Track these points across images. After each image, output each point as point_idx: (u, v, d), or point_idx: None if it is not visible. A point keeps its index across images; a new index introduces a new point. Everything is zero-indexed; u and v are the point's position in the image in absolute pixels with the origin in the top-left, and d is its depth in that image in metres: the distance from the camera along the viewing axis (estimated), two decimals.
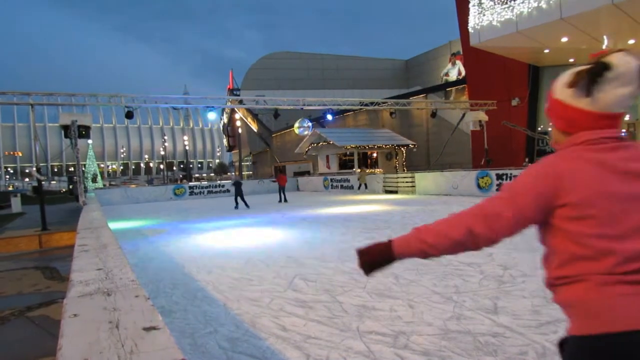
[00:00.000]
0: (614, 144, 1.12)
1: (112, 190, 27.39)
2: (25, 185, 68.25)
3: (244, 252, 7.21)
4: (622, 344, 1.00)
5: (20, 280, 6.60)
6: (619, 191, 1.08)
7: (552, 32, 15.26)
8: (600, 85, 1.11)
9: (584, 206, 1.09)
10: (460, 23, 22.78)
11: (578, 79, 1.14)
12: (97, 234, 3.82)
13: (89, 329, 1.24)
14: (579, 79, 1.14)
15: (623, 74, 1.09)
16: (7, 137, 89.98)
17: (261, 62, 54.16)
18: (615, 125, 1.14)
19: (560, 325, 3.23)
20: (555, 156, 1.17)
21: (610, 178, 1.09)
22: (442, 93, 30.03)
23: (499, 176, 15.43)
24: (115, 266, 2.18)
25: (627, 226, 1.06)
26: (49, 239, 10.21)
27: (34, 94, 13.46)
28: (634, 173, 1.09)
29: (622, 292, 1.04)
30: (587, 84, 1.12)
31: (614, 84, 1.10)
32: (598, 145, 1.12)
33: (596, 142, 1.12)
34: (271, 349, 3.10)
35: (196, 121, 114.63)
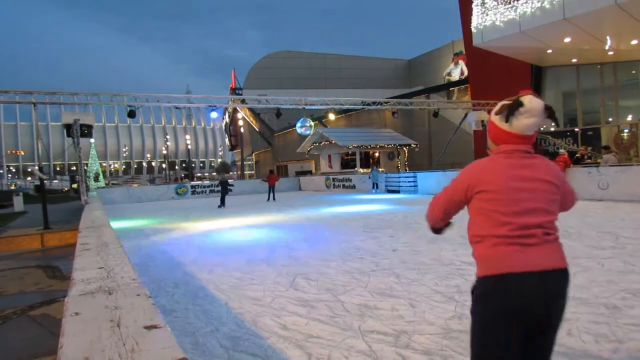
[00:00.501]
0: (521, 154, 1.68)
1: (114, 190, 27.44)
2: (27, 184, 68.44)
3: (246, 251, 7.21)
4: (506, 280, 1.57)
5: (23, 279, 6.61)
6: (518, 185, 1.63)
7: (555, 32, 15.22)
8: (515, 116, 1.65)
9: (494, 192, 1.63)
10: (463, 23, 22.75)
11: (503, 109, 1.69)
12: (99, 232, 3.83)
13: (90, 328, 1.24)
14: (503, 109, 1.69)
15: (531, 110, 1.63)
16: (9, 135, 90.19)
17: (263, 62, 54.19)
18: (525, 143, 1.69)
19: (563, 324, 3.22)
20: (484, 159, 1.75)
21: (508, 176, 1.64)
22: (444, 93, 30.01)
23: None
24: (116, 265, 2.18)
25: (522, 208, 1.61)
26: (51, 238, 10.22)
27: (36, 92, 13.49)
28: (529, 175, 1.65)
29: (510, 249, 1.59)
30: (507, 114, 1.66)
31: (524, 116, 1.64)
32: (511, 154, 1.68)
33: (510, 152, 1.68)
34: (273, 348, 3.10)
35: (198, 120, 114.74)
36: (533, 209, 1.62)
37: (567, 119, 21.34)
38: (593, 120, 20.27)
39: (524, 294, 1.55)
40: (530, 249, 1.59)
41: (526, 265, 1.56)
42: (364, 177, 23.75)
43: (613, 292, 3.96)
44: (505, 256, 1.59)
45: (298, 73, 52.44)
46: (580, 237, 6.78)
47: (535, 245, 1.60)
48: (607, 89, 19.38)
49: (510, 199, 1.62)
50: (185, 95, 20.42)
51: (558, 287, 1.61)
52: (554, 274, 1.59)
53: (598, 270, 4.75)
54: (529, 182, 1.64)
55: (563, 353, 2.78)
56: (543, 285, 1.56)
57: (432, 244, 6.86)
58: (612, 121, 19.60)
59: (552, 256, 1.62)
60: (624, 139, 18.65)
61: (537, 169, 1.68)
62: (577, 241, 6.49)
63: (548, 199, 1.66)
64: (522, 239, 1.59)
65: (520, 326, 1.58)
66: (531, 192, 1.64)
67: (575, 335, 3.04)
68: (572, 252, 5.72)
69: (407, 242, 7.16)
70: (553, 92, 21.29)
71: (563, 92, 21.29)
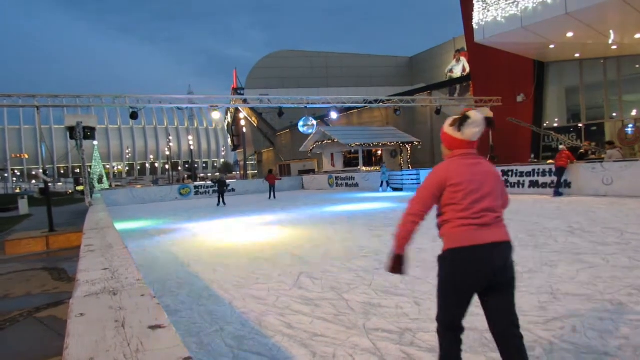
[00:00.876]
0: (472, 156, 2.21)
1: (117, 191, 27.51)
2: (32, 187, 68.76)
3: (250, 250, 7.22)
4: (465, 254, 2.08)
5: (29, 282, 6.65)
6: (473, 178, 2.13)
7: (558, 27, 15.15)
8: (465, 126, 2.17)
9: (458, 185, 2.12)
10: (465, 19, 22.68)
11: (455, 122, 2.21)
12: (103, 234, 3.85)
13: (95, 328, 1.24)
14: (455, 122, 2.21)
15: (475, 121, 2.16)
16: (13, 139, 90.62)
17: (265, 61, 54.17)
18: (472, 147, 2.22)
19: (567, 321, 3.22)
20: (445, 162, 2.24)
21: (469, 172, 2.15)
22: (446, 90, 29.93)
23: (505, 173, 15.34)
24: (121, 266, 2.19)
25: (479, 195, 2.11)
26: (56, 240, 10.29)
27: (39, 96, 13.55)
28: (481, 170, 2.18)
29: (471, 228, 2.08)
30: (458, 125, 2.19)
31: (472, 126, 2.16)
32: (465, 156, 2.20)
33: (464, 155, 2.20)
34: (277, 347, 3.11)
35: (201, 121, 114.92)
36: (488, 193, 2.14)
37: (571, 114, 21.24)
38: (597, 115, 20.17)
39: (480, 260, 2.08)
40: (485, 227, 2.10)
41: (482, 239, 2.08)
42: (367, 176, 23.71)
43: (618, 288, 3.95)
44: (466, 233, 2.09)
45: (300, 72, 52.40)
46: (585, 233, 6.75)
47: (488, 224, 2.11)
48: (611, 84, 19.28)
49: (473, 188, 2.12)
50: (187, 96, 20.41)
51: (505, 255, 2.14)
52: (502, 245, 2.12)
53: (603, 267, 4.73)
54: (483, 175, 2.18)
55: (568, 350, 2.77)
56: (494, 254, 2.09)
57: (436, 242, 6.84)
58: (616, 116, 19.49)
59: (500, 232, 2.14)
60: (628, 134, 18.55)
61: (484, 166, 2.22)
62: (581, 237, 6.47)
63: (497, 188, 2.20)
64: (479, 220, 2.10)
65: (475, 285, 2.13)
66: (485, 182, 2.16)
67: (580, 331, 3.03)
68: (576, 249, 5.71)
69: None
70: (556, 88, 21.19)
71: (566, 88, 21.19)
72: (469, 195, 2.10)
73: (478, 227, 2.08)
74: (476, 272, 2.09)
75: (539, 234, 6.97)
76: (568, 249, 5.74)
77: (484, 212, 2.10)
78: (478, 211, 2.09)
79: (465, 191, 2.11)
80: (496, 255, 2.09)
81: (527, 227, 7.69)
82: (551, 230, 7.24)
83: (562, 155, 12.79)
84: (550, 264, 4.99)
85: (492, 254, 2.08)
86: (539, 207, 10.60)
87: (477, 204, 2.10)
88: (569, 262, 5.02)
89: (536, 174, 14.22)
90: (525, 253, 5.61)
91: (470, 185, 2.12)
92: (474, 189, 2.11)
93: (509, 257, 2.15)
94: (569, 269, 4.69)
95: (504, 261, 2.13)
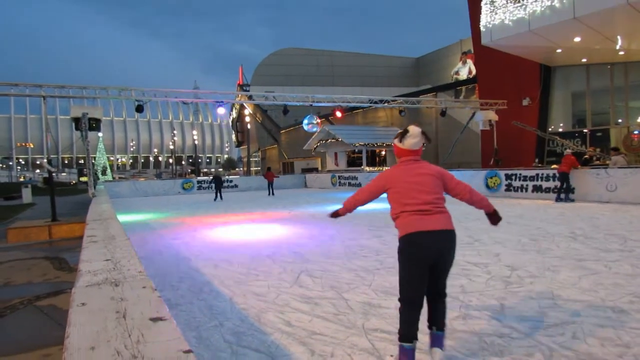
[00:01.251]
0: (413, 161, 2.72)
1: (121, 183, 27.58)
2: (36, 177, 69.04)
3: (251, 247, 7.23)
4: (413, 239, 2.51)
5: (30, 270, 6.68)
6: (412, 179, 2.62)
7: (565, 31, 15.08)
8: (405, 139, 2.70)
9: (397, 188, 2.63)
10: (472, 21, 22.60)
11: (399, 135, 2.76)
12: (106, 225, 3.85)
13: (97, 318, 1.24)
14: (399, 135, 2.76)
15: (413, 134, 2.68)
16: (19, 128, 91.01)
17: (271, 58, 54.15)
18: (414, 154, 2.73)
19: (568, 327, 3.21)
20: (392, 168, 2.78)
21: (408, 176, 2.64)
22: (452, 92, 29.83)
23: (508, 176, 15.30)
24: (123, 257, 2.19)
25: (417, 192, 2.58)
26: (58, 230, 10.31)
27: (46, 86, 13.59)
28: (420, 172, 2.66)
29: (414, 218, 2.53)
30: (400, 138, 2.74)
31: (409, 138, 2.69)
32: (406, 163, 2.72)
33: (406, 161, 2.72)
34: (276, 344, 3.11)
35: (205, 116, 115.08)
36: (426, 190, 2.62)
37: (576, 119, 21.15)
38: (602, 121, 20.08)
39: (424, 244, 2.52)
40: (427, 217, 2.55)
41: (424, 227, 2.53)
42: (371, 176, 23.68)
43: (620, 295, 3.93)
44: (412, 223, 2.55)
45: (305, 70, 52.35)
46: (587, 240, 6.73)
47: (430, 214, 2.56)
48: (618, 90, 19.18)
49: (410, 190, 2.62)
50: (192, 90, 20.44)
51: (445, 241, 2.58)
52: (442, 232, 2.56)
53: (605, 273, 4.71)
54: (421, 176, 2.67)
55: (567, 356, 2.76)
56: (435, 239, 2.53)
57: None
58: (621, 122, 19.40)
59: (441, 221, 2.57)
60: (633, 141, 18.46)
61: (423, 168, 2.73)
62: (584, 243, 6.44)
63: (434, 184, 2.66)
64: (421, 212, 2.56)
65: (425, 264, 2.55)
66: (423, 181, 2.65)
67: (580, 338, 3.02)
68: (579, 255, 5.68)
69: None
70: (562, 92, 21.10)
71: (572, 93, 21.10)
72: (407, 194, 2.62)
73: (420, 217, 2.55)
74: (422, 254, 2.54)
75: (541, 239, 6.95)
76: (570, 254, 5.71)
77: (423, 204, 2.58)
78: (418, 204, 2.58)
79: (404, 190, 2.63)
80: (437, 240, 2.54)
81: (530, 231, 7.67)
82: (554, 235, 7.21)
83: (565, 161, 12.70)
84: (552, 269, 4.97)
85: (434, 239, 2.53)
86: (542, 212, 10.57)
87: (417, 199, 2.59)
88: (571, 267, 5.00)
89: (540, 178, 14.17)
90: (527, 257, 5.59)
91: (410, 185, 2.63)
92: (413, 188, 2.62)
93: (449, 242, 2.59)
94: (570, 275, 4.67)
95: (445, 245, 2.58)
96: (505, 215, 10.85)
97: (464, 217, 10.13)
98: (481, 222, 9.15)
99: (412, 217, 2.56)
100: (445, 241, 2.57)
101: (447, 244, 2.58)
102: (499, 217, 3.05)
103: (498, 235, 7.40)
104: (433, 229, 2.52)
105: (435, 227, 2.53)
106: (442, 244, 2.56)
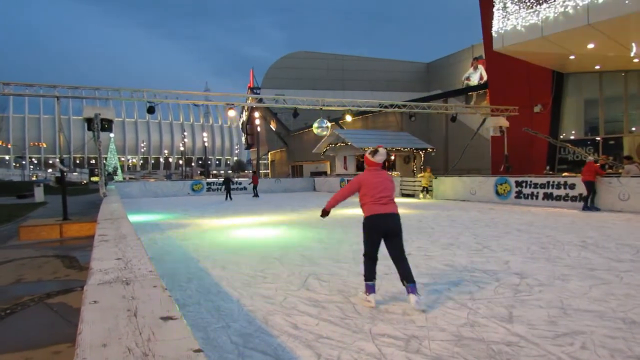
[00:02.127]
0: (377, 170, 4.25)
1: (131, 184, 27.81)
2: (48, 176, 69.85)
3: (259, 249, 7.25)
4: (373, 219, 4.07)
5: (41, 268, 6.76)
6: (377, 181, 4.13)
7: (579, 38, 14.93)
8: (375, 155, 4.24)
9: (366, 188, 4.13)
10: (484, 27, 22.48)
11: (372, 152, 4.27)
12: (117, 225, 3.89)
13: (108, 316, 1.26)
14: (372, 152, 4.27)
15: (381, 153, 4.26)
16: (32, 128, 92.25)
17: (281, 62, 54.31)
18: (378, 166, 4.27)
19: (578, 337, 3.17)
20: (363, 173, 4.28)
21: (373, 179, 4.16)
22: (462, 97, 29.68)
23: (519, 183, 15.17)
24: (134, 256, 2.22)
25: (378, 190, 4.10)
26: (69, 229, 10.42)
27: (59, 86, 13.76)
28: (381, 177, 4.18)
29: (375, 206, 4.06)
30: (373, 154, 4.27)
31: (379, 156, 4.25)
32: (373, 170, 4.24)
33: (373, 170, 4.24)
34: (282, 347, 3.11)
35: (216, 118, 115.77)
36: (384, 188, 4.08)
37: (588, 127, 20.91)
38: (615, 129, 19.83)
39: (379, 222, 4.01)
40: (382, 205, 4.02)
41: (380, 211, 4.00)
42: None
43: (631, 306, 3.88)
44: (372, 208, 4.02)
45: (316, 74, 52.43)
46: (599, 249, 6.65)
47: (385, 204, 4.03)
48: (632, 98, 18.94)
49: (374, 188, 4.07)
50: (203, 92, 20.57)
51: (392, 220, 4.03)
52: (391, 214, 4.03)
53: (616, 283, 4.65)
54: (381, 179, 4.13)
55: None
56: (385, 219, 4.01)
57: (446, 249, 6.80)
58: (635, 130, 19.15)
59: (390, 208, 4.05)
60: None
61: (383, 175, 4.19)
62: (595, 253, 6.37)
63: (388, 186, 4.14)
64: (379, 202, 4.03)
65: (379, 235, 4.04)
66: (383, 183, 4.11)
67: (590, 349, 2.98)
68: (590, 264, 5.62)
69: (420, 247, 7.11)
70: (574, 100, 20.89)
71: (585, 100, 20.86)
72: (372, 190, 4.10)
73: (378, 205, 4.05)
74: (377, 228, 4.07)
75: (551, 247, 6.87)
76: (581, 263, 5.65)
77: (381, 198, 4.08)
78: (378, 197, 4.07)
79: (370, 188, 4.12)
80: (387, 220, 4.05)
81: (540, 239, 7.60)
82: (564, 244, 7.14)
83: (589, 168, 12.26)
84: (562, 278, 4.92)
85: (385, 220, 4.04)
86: (553, 220, 10.46)
87: (377, 194, 4.08)
88: (581, 277, 4.95)
89: (550, 186, 14.04)
90: (537, 266, 5.54)
91: (374, 185, 4.12)
92: (375, 187, 4.11)
93: (395, 221, 4.07)
94: (581, 284, 4.62)
95: (393, 222, 4.06)
96: (515, 223, 10.78)
97: (472, 223, 10.07)
98: (490, 228, 9.09)
99: (373, 205, 4.07)
100: (392, 220, 4.06)
101: (394, 222, 4.06)
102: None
103: (507, 242, 7.34)
104: (385, 212, 4.04)
105: (386, 211, 4.05)
106: (390, 222, 4.05)
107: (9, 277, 6.20)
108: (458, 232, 8.55)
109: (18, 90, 13.51)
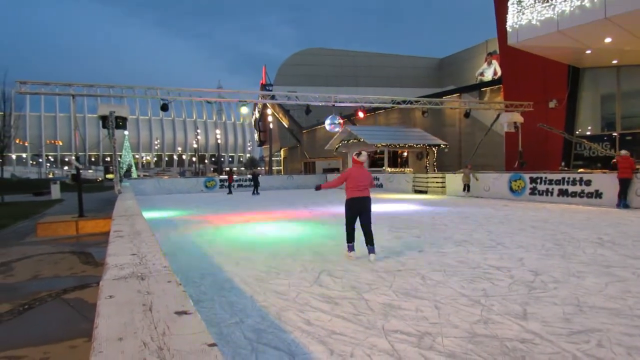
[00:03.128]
0: (361, 166, 6.19)
1: (145, 181, 28.13)
2: (64, 173, 70.99)
3: (272, 245, 7.29)
4: (352, 201, 6.10)
5: (58, 264, 6.88)
6: (360, 174, 6.08)
7: (596, 32, 14.66)
8: (360, 156, 6.23)
9: (351, 178, 6.06)
10: (498, 22, 22.19)
11: (357, 154, 6.25)
12: (132, 221, 3.94)
13: (124, 310, 1.28)
14: (357, 154, 6.25)
15: (364, 155, 6.28)
16: (48, 126, 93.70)
17: (293, 59, 54.34)
18: (362, 164, 6.20)
19: (593, 335, 3.13)
20: (351, 168, 6.25)
21: (357, 173, 6.08)
22: (476, 93, 29.37)
23: (533, 179, 14.98)
24: (148, 252, 2.24)
25: (361, 179, 6.05)
26: (85, 225, 10.60)
27: (75, 85, 13.95)
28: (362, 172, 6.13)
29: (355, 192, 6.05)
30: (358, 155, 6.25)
31: (362, 157, 6.22)
32: (357, 166, 6.17)
33: (357, 166, 6.18)
34: (296, 342, 3.13)
35: (229, 115, 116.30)
36: (363, 179, 6.01)
37: (605, 122, 20.54)
38: (633, 124, 19.44)
39: (356, 202, 6.03)
40: (359, 191, 5.99)
41: (357, 195, 5.99)
42: (392, 177, 23.55)
43: None
44: (352, 193, 6.01)
45: (328, 70, 52.37)
46: (615, 246, 6.54)
47: (361, 190, 5.99)
48: None
49: (356, 179, 5.98)
50: (216, 90, 20.68)
51: (365, 201, 6.03)
52: (364, 198, 6.02)
53: (633, 281, 4.58)
54: (363, 173, 6.06)
55: None
56: (360, 201, 6.01)
57: (459, 246, 6.76)
58: None
59: (365, 193, 6.02)
60: None
61: (364, 170, 6.13)
62: (611, 249, 6.27)
63: (368, 178, 6.09)
64: (357, 189, 5.98)
65: (355, 212, 6.05)
66: (362, 175, 6.03)
67: (606, 346, 2.94)
68: (606, 261, 5.54)
69: (433, 243, 7.08)
70: (590, 94, 20.53)
71: (601, 95, 20.48)
72: (355, 180, 5.91)
73: (358, 191, 5.94)
74: (355, 207, 6.00)
75: (566, 244, 6.79)
76: (597, 260, 5.57)
77: (359, 186, 5.92)
78: (357, 185, 5.91)
79: (354, 179, 5.92)
80: (362, 201, 5.97)
81: (555, 236, 7.50)
82: (580, 240, 7.04)
83: (625, 164, 11.86)
84: (577, 275, 4.86)
85: (361, 201, 5.96)
86: (568, 216, 10.32)
87: (358, 183, 5.91)
88: (597, 274, 4.88)
89: (566, 182, 13.84)
90: (552, 262, 5.48)
91: (356, 177, 5.93)
92: (357, 178, 5.93)
93: (367, 202, 6.01)
94: (597, 281, 4.56)
95: (366, 204, 6.00)
96: (529, 220, 10.66)
97: (486, 220, 9.98)
98: (504, 225, 9.00)
99: (353, 191, 5.94)
100: (365, 201, 5.98)
101: (366, 203, 5.99)
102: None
103: (522, 239, 7.26)
104: (361, 196, 5.94)
105: (362, 195, 5.95)
106: (363, 203, 5.97)
107: (26, 273, 6.33)
108: (472, 229, 8.48)
109: (34, 88, 13.72)
